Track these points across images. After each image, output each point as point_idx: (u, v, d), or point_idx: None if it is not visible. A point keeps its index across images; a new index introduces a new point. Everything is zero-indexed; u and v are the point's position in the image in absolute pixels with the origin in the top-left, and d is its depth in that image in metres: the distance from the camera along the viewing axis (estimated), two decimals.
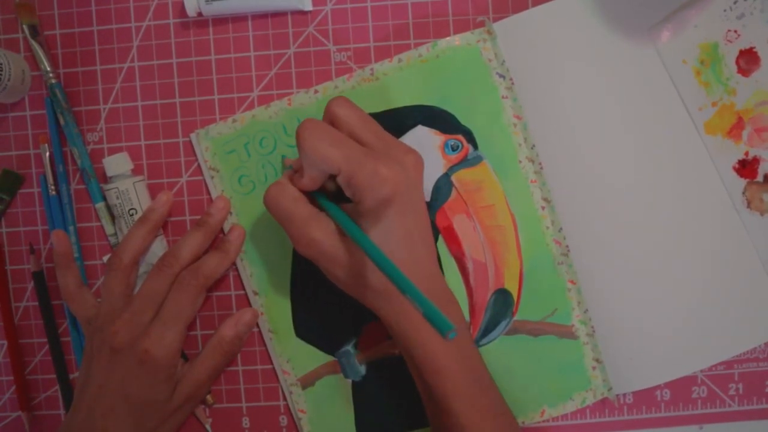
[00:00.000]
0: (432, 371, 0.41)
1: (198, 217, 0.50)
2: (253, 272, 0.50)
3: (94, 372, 0.44)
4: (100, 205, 0.50)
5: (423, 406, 0.45)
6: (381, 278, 0.41)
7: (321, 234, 0.41)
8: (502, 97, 0.48)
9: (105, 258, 0.50)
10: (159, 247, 0.49)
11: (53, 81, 0.50)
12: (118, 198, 0.49)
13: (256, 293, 0.50)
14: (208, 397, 0.50)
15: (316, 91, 0.49)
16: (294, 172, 0.44)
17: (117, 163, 0.49)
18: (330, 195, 0.44)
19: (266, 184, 0.49)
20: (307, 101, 0.49)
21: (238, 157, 0.49)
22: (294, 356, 0.50)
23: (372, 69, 0.49)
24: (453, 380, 0.41)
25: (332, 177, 0.41)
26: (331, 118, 0.42)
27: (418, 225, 0.42)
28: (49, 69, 0.50)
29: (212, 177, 0.50)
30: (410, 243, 0.41)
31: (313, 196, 0.44)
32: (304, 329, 0.50)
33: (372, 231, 0.40)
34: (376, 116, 0.48)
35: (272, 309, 0.50)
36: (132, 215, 0.49)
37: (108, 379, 0.44)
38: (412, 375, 0.44)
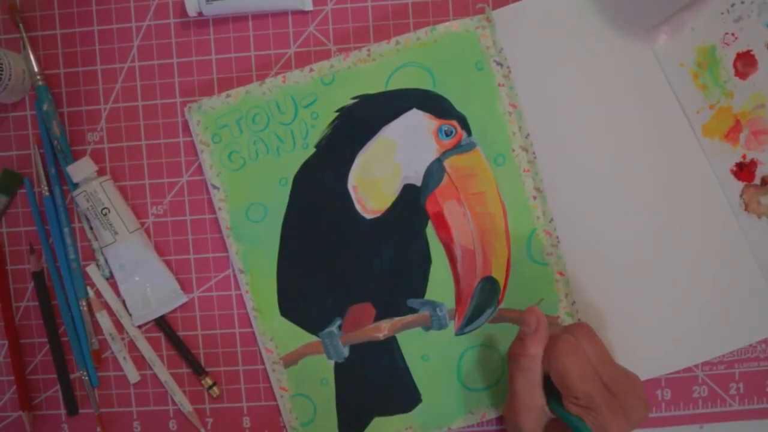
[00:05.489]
0: None
1: (198, 217, 0.50)
2: (239, 250, 0.50)
3: None
4: (80, 210, 0.50)
5: (403, 392, 0.46)
6: None
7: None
8: (499, 85, 0.49)
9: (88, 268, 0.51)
10: (144, 252, 0.50)
11: (40, 83, 0.50)
12: (88, 201, 0.48)
13: (242, 271, 0.50)
14: (215, 388, 0.50)
15: (311, 70, 0.49)
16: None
17: (81, 168, 0.49)
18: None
19: (257, 161, 0.49)
20: (302, 79, 0.49)
21: (230, 132, 0.49)
22: (278, 335, 0.50)
23: (369, 50, 0.49)
24: None
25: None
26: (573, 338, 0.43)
27: None
28: (36, 71, 0.50)
29: (202, 151, 0.49)
30: None
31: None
32: (289, 308, 0.50)
33: None
34: (371, 97, 0.49)
35: (258, 287, 0.50)
36: (105, 215, 0.48)
37: None
38: None
